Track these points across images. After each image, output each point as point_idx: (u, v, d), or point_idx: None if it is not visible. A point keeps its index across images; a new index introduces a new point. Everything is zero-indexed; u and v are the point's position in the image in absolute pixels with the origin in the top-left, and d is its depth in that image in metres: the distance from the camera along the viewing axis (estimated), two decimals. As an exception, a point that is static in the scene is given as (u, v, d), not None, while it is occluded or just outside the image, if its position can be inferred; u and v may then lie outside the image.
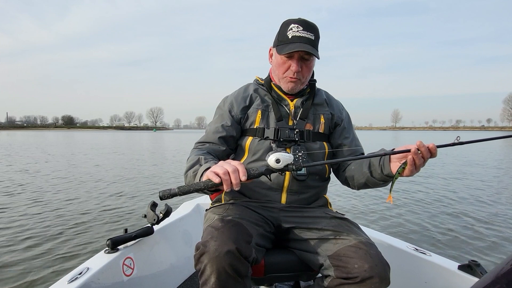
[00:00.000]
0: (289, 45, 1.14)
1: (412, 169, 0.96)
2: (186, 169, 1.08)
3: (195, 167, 1.04)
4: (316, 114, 1.27)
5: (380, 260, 0.95)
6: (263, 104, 1.25)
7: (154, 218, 1.47)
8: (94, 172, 8.31)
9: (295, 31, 1.14)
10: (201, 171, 0.98)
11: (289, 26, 1.16)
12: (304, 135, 1.21)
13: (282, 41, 1.17)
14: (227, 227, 0.97)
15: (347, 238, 1.03)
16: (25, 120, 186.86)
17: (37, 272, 2.63)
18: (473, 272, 1.26)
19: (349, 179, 1.23)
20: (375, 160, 1.08)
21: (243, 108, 1.25)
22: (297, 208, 1.19)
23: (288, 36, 1.15)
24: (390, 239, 1.62)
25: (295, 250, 1.15)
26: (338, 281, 0.95)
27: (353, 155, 1.28)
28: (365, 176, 1.13)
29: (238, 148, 1.26)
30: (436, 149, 0.97)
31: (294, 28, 1.15)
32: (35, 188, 6.05)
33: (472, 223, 4.13)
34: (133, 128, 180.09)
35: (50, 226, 3.78)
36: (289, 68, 1.18)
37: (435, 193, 5.99)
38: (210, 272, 0.88)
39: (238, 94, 1.29)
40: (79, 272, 1.18)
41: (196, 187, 0.90)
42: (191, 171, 1.04)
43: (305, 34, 1.14)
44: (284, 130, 1.19)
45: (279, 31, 1.21)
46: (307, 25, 1.15)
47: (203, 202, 2.18)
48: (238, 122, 1.25)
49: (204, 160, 1.06)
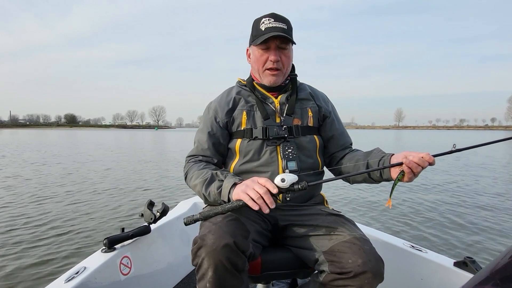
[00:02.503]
0: (263, 36, 1.16)
1: (410, 177, 0.99)
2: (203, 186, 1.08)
3: (216, 184, 1.05)
4: (303, 108, 1.26)
5: (374, 255, 0.95)
6: (248, 104, 1.24)
7: (151, 217, 1.47)
8: (91, 171, 8.32)
9: (267, 23, 1.17)
10: (228, 188, 1.01)
11: (261, 21, 1.18)
12: (293, 130, 1.21)
13: (256, 35, 1.18)
14: (225, 221, 0.98)
15: (341, 234, 1.03)
16: (28, 118, 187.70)
17: (33, 271, 2.63)
18: (469, 268, 1.26)
19: (343, 173, 1.23)
20: (374, 163, 1.10)
21: (227, 111, 1.24)
22: (294, 206, 1.19)
23: (262, 29, 1.17)
24: (386, 236, 1.62)
25: (291, 247, 1.15)
26: (332, 276, 0.96)
27: (343, 147, 1.31)
28: (363, 177, 1.15)
29: (229, 151, 1.26)
30: (433, 158, 0.99)
31: (266, 21, 1.17)
32: (32, 187, 6.07)
33: (468, 219, 4.15)
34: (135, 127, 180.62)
35: (46, 225, 3.80)
36: (267, 59, 1.19)
37: (432, 190, 6.01)
38: (207, 266, 0.89)
39: (221, 99, 1.28)
40: (76, 271, 1.18)
41: (223, 211, 0.96)
42: (213, 187, 1.05)
43: (277, 24, 1.16)
44: (272, 128, 1.19)
45: (252, 28, 1.22)
46: (278, 17, 1.18)
47: (200, 201, 2.18)
48: (225, 127, 1.24)
49: (222, 175, 1.07)
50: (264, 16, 1.20)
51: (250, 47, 1.26)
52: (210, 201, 1.10)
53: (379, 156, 1.11)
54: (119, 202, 4.99)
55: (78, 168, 8.96)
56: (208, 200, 1.10)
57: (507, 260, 0.52)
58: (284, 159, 1.16)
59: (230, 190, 1.00)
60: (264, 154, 1.18)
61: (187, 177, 1.19)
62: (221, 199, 1.03)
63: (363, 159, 1.16)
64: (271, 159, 1.17)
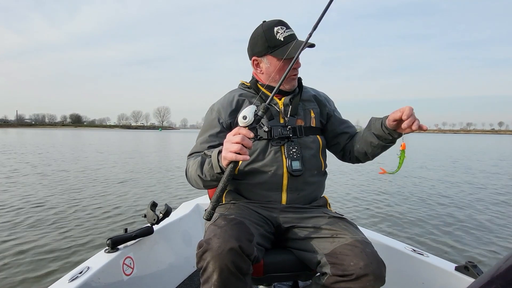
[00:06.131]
0: (288, 46, 1.16)
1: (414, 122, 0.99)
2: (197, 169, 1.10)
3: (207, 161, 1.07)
4: (305, 109, 1.28)
5: (375, 258, 0.96)
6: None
7: (154, 218, 1.49)
8: (93, 172, 8.36)
9: (282, 33, 1.18)
10: (215, 157, 1.01)
11: (274, 30, 1.19)
12: (296, 131, 1.22)
13: (277, 45, 1.18)
14: (230, 225, 0.99)
15: (343, 237, 1.04)
16: (34, 118, 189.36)
17: (37, 271, 2.65)
18: (470, 273, 1.26)
19: (360, 156, 1.26)
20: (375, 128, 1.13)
21: (230, 112, 1.24)
22: (297, 209, 1.20)
23: (280, 39, 1.18)
24: (388, 240, 1.62)
25: (294, 249, 1.16)
26: (334, 278, 0.96)
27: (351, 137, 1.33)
28: (376, 145, 1.16)
29: None
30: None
31: (280, 30, 1.19)
32: (36, 187, 6.12)
33: (470, 224, 4.13)
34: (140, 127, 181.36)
35: (50, 225, 3.82)
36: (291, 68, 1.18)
37: (434, 195, 5.98)
38: (212, 269, 0.89)
39: (224, 101, 1.29)
40: (80, 271, 1.19)
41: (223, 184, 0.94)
42: (206, 166, 1.07)
43: (291, 32, 1.20)
44: (277, 128, 1.19)
45: (264, 38, 1.20)
46: (287, 24, 1.22)
47: (202, 202, 2.19)
48: (228, 128, 1.24)
49: (209, 152, 1.09)
50: (274, 25, 1.20)
51: (263, 57, 1.23)
52: (208, 181, 1.09)
53: (377, 121, 1.13)
54: (122, 203, 5.01)
55: (82, 169, 9.01)
56: (206, 181, 1.10)
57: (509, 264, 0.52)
58: (288, 158, 1.17)
59: (218, 159, 1.00)
60: (269, 154, 1.18)
61: (187, 172, 1.21)
62: (215, 172, 1.03)
63: (365, 132, 1.19)
64: (276, 158, 1.18)
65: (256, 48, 1.23)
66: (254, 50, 1.24)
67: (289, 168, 1.16)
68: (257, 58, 1.25)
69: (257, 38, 1.22)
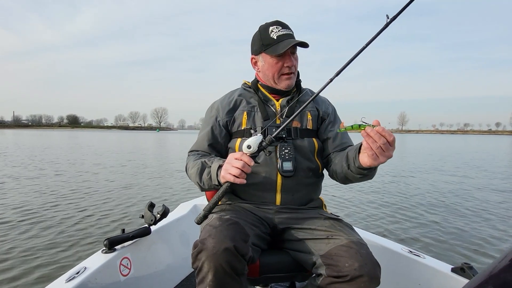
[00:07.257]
0: (279, 44, 1.19)
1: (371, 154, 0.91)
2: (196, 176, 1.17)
3: (206, 171, 1.14)
4: (302, 111, 1.25)
5: (370, 259, 0.96)
6: (249, 105, 1.28)
7: (151, 218, 1.49)
8: (91, 172, 8.34)
9: (277, 32, 1.21)
10: (215, 172, 1.09)
11: (269, 29, 1.22)
12: (291, 132, 1.23)
13: (270, 43, 1.21)
14: (225, 225, 0.99)
15: (339, 238, 1.04)
16: (31, 119, 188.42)
17: (34, 271, 2.65)
18: (466, 274, 1.27)
19: (333, 173, 1.22)
20: (352, 154, 1.06)
21: (228, 111, 1.28)
22: (292, 210, 1.20)
23: (274, 38, 1.20)
24: (384, 241, 1.63)
25: (290, 250, 1.16)
26: (329, 279, 0.97)
27: (340, 149, 1.24)
28: (344, 170, 1.11)
29: (229, 151, 1.28)
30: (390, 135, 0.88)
31: (275, 29, 1.21)
32: (33, 188, 6.09)
33: (466, 225, 4.14)
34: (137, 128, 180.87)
35: (47, 225, 3.81)
36: (283, 66, 1.22)
37: (430, 196, 5.99)
38: (207, 269, 0.90)
39: (224, 99, 1.33)
40: (76, 271, 1.19)
41: (218, 198, 1.07)
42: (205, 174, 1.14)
43: (286, 31, 1.22)
44: (271, 129, 1.19)
45: (259, 37, 1.24)
46: (284, 24, 1.24)
47: (200, 203, 2.20)
48: (225, 126, 1.28)
49: (210, 162, 1.15)
50: (270, 25, 1.23)
51: (259, 55, 1.26)
52: (205, 188, 1.19)
53: (355, 147, 1.06)
54: (120, 203, 5.00)
55: (78, 169, 8.98)
56: (203, 188, 1.19)
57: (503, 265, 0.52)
58: (280, 159, 1.17)
59: (217, 174, 1.08)
60: (262, 154, 1.19)
61: (187, 169, 1.26)
62: (213, 183, 1.11)
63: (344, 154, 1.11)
64: (269, 159, 1.19)
65: (254, 47, 1.28)
66: (252, 49, 1.29)
67: (280, 169, 1.17)
68: (255, 57, 1.30)
69: (255, 38, 1.27)
